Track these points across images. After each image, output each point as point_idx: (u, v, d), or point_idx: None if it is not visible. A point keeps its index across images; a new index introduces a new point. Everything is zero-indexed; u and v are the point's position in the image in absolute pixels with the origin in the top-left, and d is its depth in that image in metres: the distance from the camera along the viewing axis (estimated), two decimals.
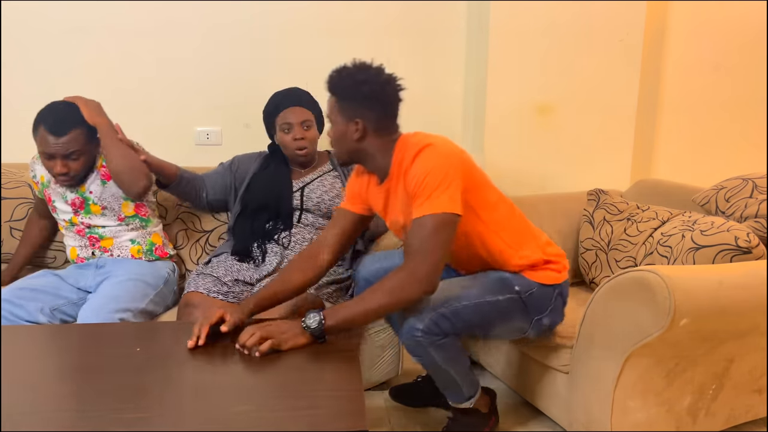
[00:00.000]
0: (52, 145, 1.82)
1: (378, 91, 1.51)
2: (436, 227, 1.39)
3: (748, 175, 2.01)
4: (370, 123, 1.52)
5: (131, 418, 1.08)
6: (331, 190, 2.04)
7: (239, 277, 1.90)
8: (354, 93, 1.51)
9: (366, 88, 1.50)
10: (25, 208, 2.18)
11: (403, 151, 1.52)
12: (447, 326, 1.48)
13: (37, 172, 2.02)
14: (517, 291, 1.57)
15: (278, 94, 2.06)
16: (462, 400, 1.65)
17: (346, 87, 1.52)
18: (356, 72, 1.52)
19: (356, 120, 1.52)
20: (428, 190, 1.41)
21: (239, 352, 1.35)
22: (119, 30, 2.40)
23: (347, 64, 1.56)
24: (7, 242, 2.16)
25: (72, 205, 1.95)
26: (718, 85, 2.76)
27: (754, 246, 1.70)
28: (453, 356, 1.55)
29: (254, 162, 2.14)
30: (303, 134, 2.00)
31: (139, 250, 2.00)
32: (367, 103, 1.51)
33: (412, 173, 1.45)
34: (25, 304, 1.77)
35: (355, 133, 1.53)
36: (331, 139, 1.59)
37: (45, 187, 2.00)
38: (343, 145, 1.56)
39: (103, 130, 1.86)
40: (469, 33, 2.56)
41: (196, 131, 2.53)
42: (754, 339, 1.66)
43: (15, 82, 2.40)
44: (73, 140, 1.83)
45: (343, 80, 1.53)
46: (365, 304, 1.41)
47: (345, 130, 1.54)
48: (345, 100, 1.53)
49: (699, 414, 1.65)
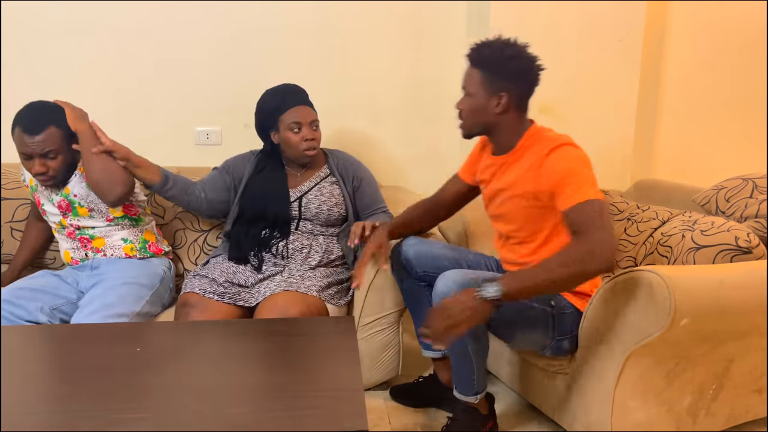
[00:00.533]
0: (29, 144, 1.81)
1: (526, 68, 1.56)
2: (603, 209, 1.45)
3: (748, 175, 2.01)
4: (514, 99, 1.58)
5: (131, 419, 1.08)
6: (330, 199, 2.00)
7: (235, 280, 1.89)
8: (502, 67, 1.55)
9: (515, 63, 1.55)
10: (26, 209, 2.18)
11: (538, 138, 1.59)
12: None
13: (26, 176, 2.01)
14: (552, 305, 1.59)
15: (277, 91, 2.00)
16: (470, 394, 1.65)
17: (495, 61, 1.55)
18: (504, 47, 1.56)
19: (501, 94, 1.56)
20: (584, 179, 1.47)
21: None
22: (119, 30, 2.40)
23: (489, 38, 1.59)
24: (7, 243, 2.16)
25: (59, 207, 1.94)
26: (718, 85, 2.76)
27: (754, 246, 1.70)
28: (481, 347, 1.58)
29: (248, 163, 2.08)
30: (313, 134, 1.96)
31: (132, 248, 1.99)
32: (514, 78, 1.56)
33: (558, 163, 1.50)
34: (25, 304, 1.77)
35: (496, 107, 1.58)
36: (463, 110, 1.63)
37: (34, 191, 1.99)
38: (479, 117, 1.61)
39: (83, 138, 1.83)
40: (469, 33, 2.56)
41: (196, 131, 2.53)
42: (754, 339, 1.66)
43: (15, 82, 2.40)
44: (48, 138, 1.82)
45: (492, 53, 1.56)
46: (549, 275, 1.39)
47: (486, 103, 1.58)
48: (492, 73, 1.56)
49: (699, 414, 1.65)
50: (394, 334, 1.98)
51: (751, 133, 2.83)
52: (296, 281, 1.84)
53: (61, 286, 1.89)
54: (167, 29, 2.42)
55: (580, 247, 1.40)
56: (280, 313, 1.70)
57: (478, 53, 1.58)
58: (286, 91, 2.00)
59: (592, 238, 1.40)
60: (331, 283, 1.90)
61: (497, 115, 1.59)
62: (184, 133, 2.52)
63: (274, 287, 1.82)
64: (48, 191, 1.94)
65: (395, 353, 2.00)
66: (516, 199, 1.61)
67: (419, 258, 1.75)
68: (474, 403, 1.66)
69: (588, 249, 1.39)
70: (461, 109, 1.64)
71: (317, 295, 1.81)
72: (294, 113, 1.95)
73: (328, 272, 1.94)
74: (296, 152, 1.97)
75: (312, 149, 1.97)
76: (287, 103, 1.96)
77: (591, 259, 1.38)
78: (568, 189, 1.47)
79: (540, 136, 1.60)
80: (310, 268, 1.93)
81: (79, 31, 2.38)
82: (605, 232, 1.41)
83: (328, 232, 2.02)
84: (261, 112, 2.01)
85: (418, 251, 1.76)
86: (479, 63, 1.58)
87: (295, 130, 1.95)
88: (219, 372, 1.29)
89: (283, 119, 1.96)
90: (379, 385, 2.03)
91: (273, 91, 2.01)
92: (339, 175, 2.05)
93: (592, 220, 1.42)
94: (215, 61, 2.47)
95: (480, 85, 1.58)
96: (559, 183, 1.49)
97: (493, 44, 1.57)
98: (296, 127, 1.95)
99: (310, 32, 2.49)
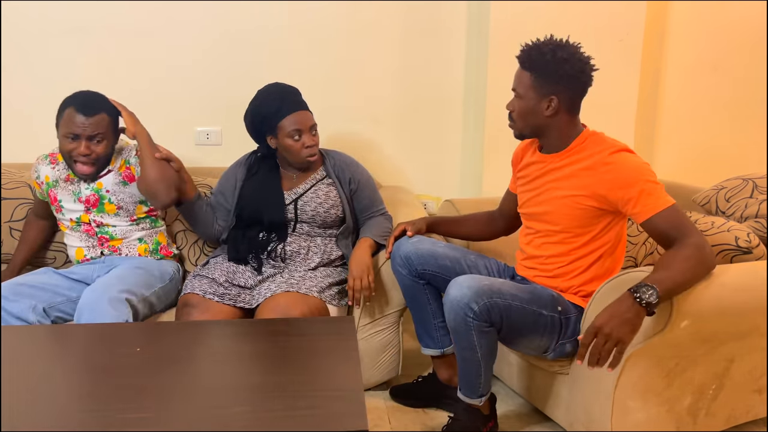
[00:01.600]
0: (79, 124, 1.85)
1: (578, 71, 1.54)
2: (682, 212, 1.49)
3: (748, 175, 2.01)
4: (565, 101, 1.57)
5: (131, 418, 1.08)
6: (325, 202, 1.98)
7: (235, 280, 1.89)
8: (554, 70, 1.54)
9: (568, 66, 1.53)
10: (25, 208, 2.17)
11: (595, 141, 1.59)
12: (497, 317, 1.50)
13: (41, 173, 2.02)
14: (559, 311, 1.60)
15: (273, 94, 1.94)
16: (474, 396, 1.65)
17: (546, 63, 1.54)
18: (557, 49, 1.54)
19: (551, 97, 1.55)
20: (657, 186, 1.49)
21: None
22: (119, 30, 2.40)
23: (541, 39, 1.58)
24: (6, 242, 2.16)
25: (86, 202, 1.96)
26: (718, 86, 2.76)
27: (754, 246, 1.70)
28: (490, 350, 1.57)
29: (240, 168, 2.05)
30: (313, 140, 1.93)
31: (146, 249, 2.02)
32: (565, 81, 1.55)
33: (626, 171, 1.51)
34: (20, 300, 1.75)
35: (547, 110, 1.57)
36: (513, 112, 1.62)
37: (50, 187, 2.00)
38: (530, 119, 1.61)
39: (143, 141, 1.92)
40: (469, 33, 2.56)
41: (196, 131, 2.53)
42: (754, 339, 1.66)
43: (15, 82, 2.40)
44: (100, 123, 1.87)
45: (543, 56, 1.54)
46: (686, 275, 1.40)
47: (536, 106, 1.58)
48: (543, 76, 1.55)
49: (699, 414, 1.65)
50: (394, 334, 1.98)
51: (751, 133, 2.83)
52: (297, 282, 1.83)
53: (62, 284, 1.88)
54: (167, 29, 2.42)
55: (689, 247, 1.42)
56: (282, 314, 1.70)
57: (528, 56, 1.57)
58: (282, 94, 1.94)
59: (692, 239, 1.43)
60: (332, 284, 1.90)
61: (548, 117, 1.58)
62: (184, 133, 2.52)
63: (275, 288, 1.81)
64: (75, 185, 1.96)
65: (395, 353, 2.00)
66: (568, 199, 1.60)
67: (421, 256, 1.75)
68: (478, 405, 1.66)
69: (698, 248, 1.42)
70: (511, 110, 1.64)
71: (318, 296, 1.81)
72: (293, 120, 1.90)
73: (328, 272, 1.93)
74: (297, 158, 1.95)
75: (313, 155, 1.94)
76: (285, 108, 1.90)
77: (705, 259, 1.42)
78: (646, 198, 1.48)
79: (596, 139, 1.60)
80: (310, 268, 1.93)
81: (79, 31, 2.38)
82: (697, 229, 1.46)
83: (326, 233, 2.02)
84: (257, 116, 1.95)
85: (420, 249, 1.77)
86: (529, 66, 1.56)
87: (296, 137, 1.91)
88: (219, 372, 1.29)
89: (282, 126, 1.91)
90: (379, 385, 2.03)
91: (267, 93, 1.95)
92: (335, 177, 2.02)
93: (683, 223, 1.46)
94: (215, 61, 2.47)
95: (530, 88, 1.57)
96: (632, 191, 1.49)
97: (543, 46, 1.55)
98: (296, 135, 1.91)
99: (309, 32, 2.49)
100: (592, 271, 1.63)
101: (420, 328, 1.87)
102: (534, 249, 1.72)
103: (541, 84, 1.56)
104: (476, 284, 1.50)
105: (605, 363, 1.35)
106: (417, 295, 1.81)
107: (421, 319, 1.86)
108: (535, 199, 1.69)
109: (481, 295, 1.48)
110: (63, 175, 1.97)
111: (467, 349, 1.56)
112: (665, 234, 1.47)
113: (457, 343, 1.58)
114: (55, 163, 2.00)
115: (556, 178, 1.63)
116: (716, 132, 2.80)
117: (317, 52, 2.51)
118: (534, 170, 1.70)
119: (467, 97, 2.62)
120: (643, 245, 1.98)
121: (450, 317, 1.54)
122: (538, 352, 1.66)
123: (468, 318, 1.49)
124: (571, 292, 1.65)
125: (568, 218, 1.61)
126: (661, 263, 1.42)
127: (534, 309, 1.56)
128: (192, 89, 2.48)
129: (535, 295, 1.59)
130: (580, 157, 1.59)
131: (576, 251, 1.63)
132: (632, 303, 1.35)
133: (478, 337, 1.52)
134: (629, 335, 1.35)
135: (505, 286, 1.56)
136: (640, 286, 1.36)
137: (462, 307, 1.49)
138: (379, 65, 2.56)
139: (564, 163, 1.62)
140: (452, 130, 2.67)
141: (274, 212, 1.96)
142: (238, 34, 2.46)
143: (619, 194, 1.51)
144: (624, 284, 1.48)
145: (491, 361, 1.60)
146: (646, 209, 1.48)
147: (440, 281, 1.75)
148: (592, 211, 1.57)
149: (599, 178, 1.54)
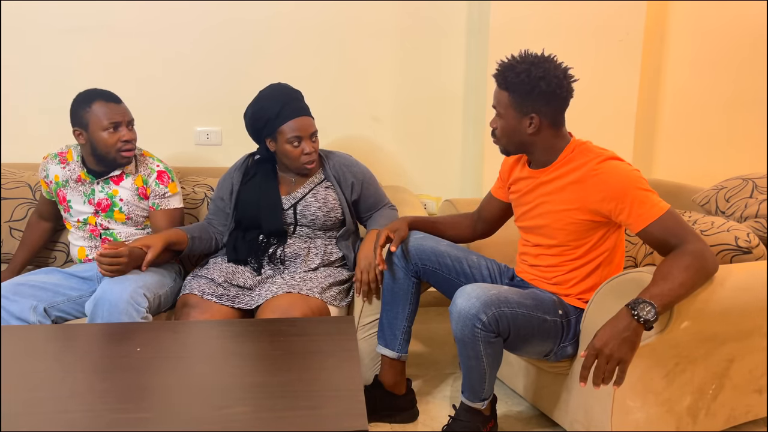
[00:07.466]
0: (117, 111, 1.87)
1: (555, 86, 1.51)
2: (679, 216, 1.47)
3: (748, 175, 2.01)
4: (546, 117, 1.55)
5: (131, 418, 1.08)
6: (325, 205, 1.96)
7: (234, 281, 1.89)
8: (530, 89, 1.51)
9: (543, 84, 1.50)
10: (25, 208, 2.18)
11: (582, 152, 1.57)
12: (504, 327, 1.49)
13: (50, 172, 2.01)
14: (560, 315, 1.59)
15: (274, 97, 1.90)
16: (477, 401, 1.64)
17: (522, 83, 1.52)
18: (532, 67, 1.51)
19: (532, 115, 1.54)
20: (649, 193, 1.47)
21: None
22: (119, 30, 2.40)
23: (517, 56, 1.56)
24: (6, 242, 2.16)
25: (97, 205, 1.96)
26: (718, 85, 2.76)
27: (754, 246, 1.70)
28: (496, 359, 1.56)
29: (236, 172, 2.03)
30: (312, 147, 1.91)
31: None
32: (543, 99, 1.52)
33: (615, 180, 1.49)
34: (20, 300, 1.75)
35: (530, 128, 1.55)
36: (497, 129, 1.61)
37: (60, 187, 1.99)
38: (513, 137, 1.59)
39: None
40: (469, 33, 2.56)
41: (196, 131, 2.54)
42: (754, 340, 1.66)
43: (15, 82, 2.40)
44: (128, 109, 1.92)
45: (518, 76, 1.52)
46: (685, 286, 1.37)
47: (518, 125, 1.56)
48: (520, 96, 1.53)
49: (699, 414, 1.65)
50: None
51: (751, 133, 2.83)
52: (298, 283, 1.83)
53: (63, 283, 1.88)
54: (167, 29, 2.42)
55: (688, 256, 1.40)
56: (283, 315, 1.69)
57: (504, 76, 1.54)
58: (284, 98, 1.90)
59: (693, 243, 1.41)
60: (333, 284, 1.89)
61: (531, 135, 1.57)
62: (184, 133, 2.53)
63: (276, 290, 1.81)
64: (86, 186, 1.95)
65: None
66: (561, 213, 1.58)
67: (423, 251, 1.73)
68: (480, 408, 1.66)
69: (699, 254, 1.40)
70: (494, 127, 1.62)
71: (319, 296, 1.80)
72: (294, 126, 1.87)
73: (329, 273, 1.93)
74: (295, 164, 1.93)
75: (311, 162, 1.92)
76: (286, 113, 1.87)
77: (706, 264, 1.40)
78: (638, 207, 1.46)
79: (583, 149, 1.58)
80: (310, 269, 1.93)
81: (79, 31, 2.39)
82: (696, 234, 1.44)
83: (326, 235, 2.01)
84: (257, 118, 1.91)
85: (423, 245, 1.75)
86: (506, 85, 1.55)
87: (295, 144, 1.88)
88: (219, 372, 1.29)
89: (282, 131, 1.88)
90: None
91: (269, 95, 1.92)
92: (335, 179, 2.00)
93: (680, 229, 1.44)
94: (215, 62, 2.47)
95: (509, 107, 1.55)
96: (623, 202, 1.47)
97: (518, 65, 1.53)
98: (296, 141, 1.88)
99: (310, 32, 2.49)
100: (591, 279, 1.62)
101: (387, 326, 1.81)
102: (532, 259, 1.71)
103: (519, 103, 1.54)
104: (484, 294, 1.48)
105: (610, 382, 1.35)
106: (400, 294, 1.77)
107: (392, 318, 1.79)
108: (529, 213, 1.68)
109: (490, 306, 1.47)
110: (74, 176, 1.96)
111: (473, 359, 1.54)
112: (663, 242, 1.46)
113: (462, 352, 1.56)
114: (65, 163, 1.99)
115: (548, 191, 1.61)
116: (716, 132, 2.80)
117: (317, 52, 2.51)
118: (524, 185, 1.68)
119: (467, 97, 2.62)
120: (643, 245, 1.98)
121: (457, 327, 1.51)
122: (541, 356, 1.65)
123: (476, 329, 1.47)
124: (572, 297, 1.65)
125: (563, 233, 1.60)
126: (659, 273, 1.40)
127: (539, 315, 1.54)
128: (192, 89, 2.49)
129: (538, 300, 1.58)
130: (569, 169, 1.57)
131: (573, 262, 1.62)
132: (630, 321, 1.34)
133: (484, 347, 1.50)
134: (629, 353, 1.34)
135: (510, 293, 1.54)
136: (638, 302, 1.34)
137: (470, 318, 1.47)
138: (379, 65, 2.56)
139: (553, 176, 1.60)
140: (452, 130, 2.67)
141: (272, 220, 1.94)
142: (239, 34, 2.46)
143: (610, 206, 1.50)
144: (623, 285, 1.48)
145: (496, 369, 1.59)
146: (640, 219, 1.46)
147: (439, 278, 1.75)
148: (586, 224, 1.56)
149: (589, 191, 1.52)
